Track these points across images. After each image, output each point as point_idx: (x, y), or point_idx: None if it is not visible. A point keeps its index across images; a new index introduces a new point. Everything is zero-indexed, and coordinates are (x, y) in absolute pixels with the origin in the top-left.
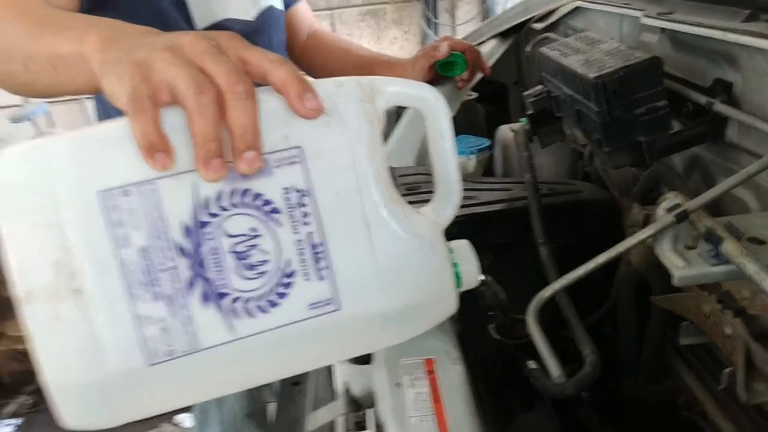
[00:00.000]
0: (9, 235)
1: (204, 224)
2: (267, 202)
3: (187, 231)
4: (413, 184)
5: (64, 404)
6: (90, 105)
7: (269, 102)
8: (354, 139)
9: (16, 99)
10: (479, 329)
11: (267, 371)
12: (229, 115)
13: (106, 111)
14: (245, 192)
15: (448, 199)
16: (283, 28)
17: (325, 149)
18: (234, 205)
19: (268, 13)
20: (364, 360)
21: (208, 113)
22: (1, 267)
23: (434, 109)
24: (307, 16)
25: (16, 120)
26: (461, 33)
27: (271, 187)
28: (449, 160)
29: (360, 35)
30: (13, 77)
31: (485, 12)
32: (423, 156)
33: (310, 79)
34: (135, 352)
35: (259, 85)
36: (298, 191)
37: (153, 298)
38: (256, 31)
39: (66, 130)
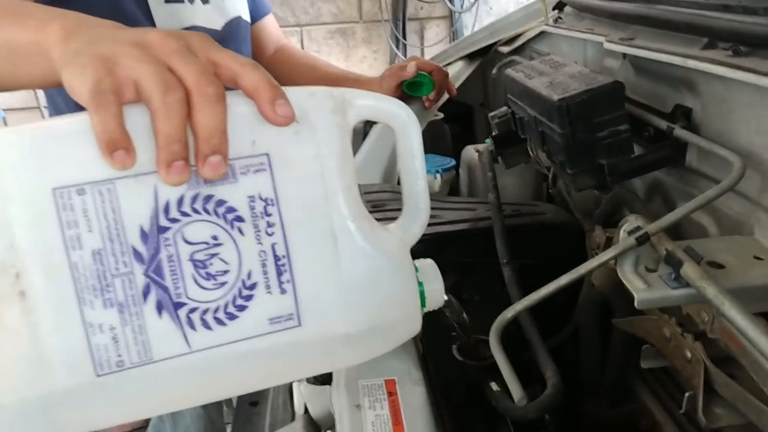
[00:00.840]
0: None
1: (163, 229)
2: (230, 210)
3: (145, 236)
4: (379, 202)
5: (2, 416)
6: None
7: (238, 106)
8: (324, 149)
9: None
10: (442, 350)
11: (223, 387)
12: (195, 117)
13: (58, 110)
14: (208, 198)
15: (416, 216)
16: (250, 41)
17: (293, 158)
18: (196, 211)
19: (236, 23)
20: (324, 380)
21: (173, 114)
22: None
23: (405, 125)
24: (274, 30)
25: None
26: (429, 54)
27: (235, 194)
28: (418, 177)
29: (329, 53)
30: None
31: (453, 34)
32: (389, 174)
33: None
34: (82, 362)
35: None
36: (263, 200)
37: (104, 304)
38: (223, 41)
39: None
